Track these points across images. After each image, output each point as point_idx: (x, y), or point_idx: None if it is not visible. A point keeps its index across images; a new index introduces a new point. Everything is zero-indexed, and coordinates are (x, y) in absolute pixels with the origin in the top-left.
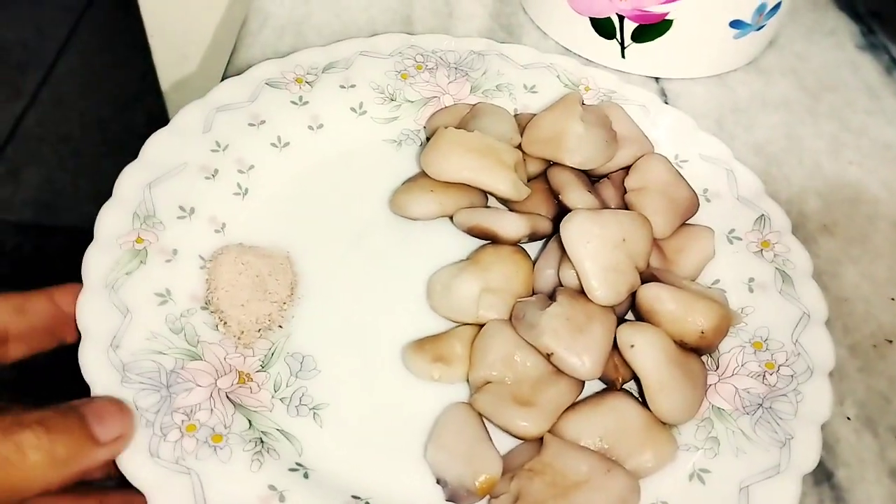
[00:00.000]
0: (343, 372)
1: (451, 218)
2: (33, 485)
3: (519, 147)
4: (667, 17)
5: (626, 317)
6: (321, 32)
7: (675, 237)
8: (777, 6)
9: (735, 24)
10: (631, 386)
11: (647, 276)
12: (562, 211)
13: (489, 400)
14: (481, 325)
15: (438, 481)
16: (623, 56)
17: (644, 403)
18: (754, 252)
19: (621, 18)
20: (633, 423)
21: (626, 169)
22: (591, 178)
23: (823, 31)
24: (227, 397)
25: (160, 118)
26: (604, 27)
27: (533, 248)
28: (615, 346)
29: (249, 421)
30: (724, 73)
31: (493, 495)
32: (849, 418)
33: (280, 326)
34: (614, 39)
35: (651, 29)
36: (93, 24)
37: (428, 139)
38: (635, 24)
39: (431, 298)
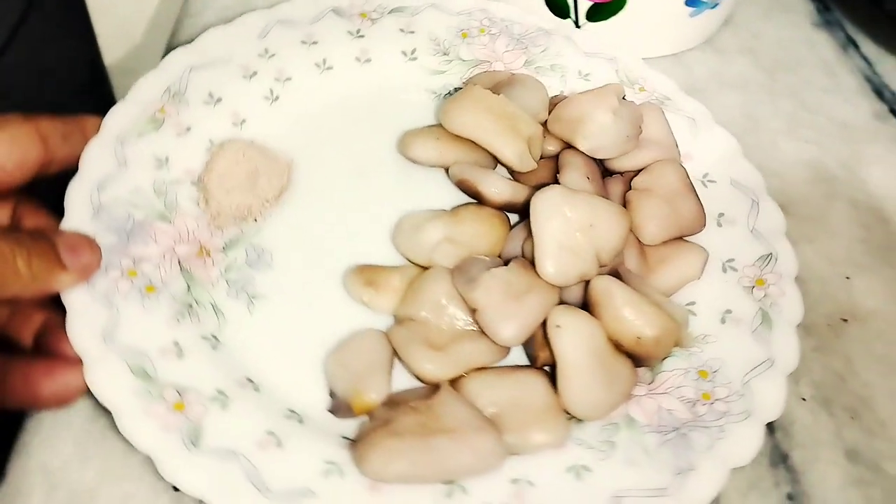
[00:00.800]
0: (291, 275)
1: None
2: (13, 288)
3: (544, 124)
4: None
5: None
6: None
7: (663, 247)
8: None
9: (691, 2)
10: None
11: (611, 272)
12: None
13: (404, 335)
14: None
15: (331, 392)
16: None
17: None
18: (745, 287)
19: None
20: (532, 402)
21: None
22: (607, 173)
23: (779, 9)
24: (179, 262)
25: (110, 103)
26: (558, 6)
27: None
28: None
29: (189, 286)
30: (680, 53)
31: (371, 416)
32: (804, 399)
33: (255, 220)
34: (569, 19)
35: (605, 8)
36: (40, 14)
37: None
38: (590, 3)
39: (396, 235)
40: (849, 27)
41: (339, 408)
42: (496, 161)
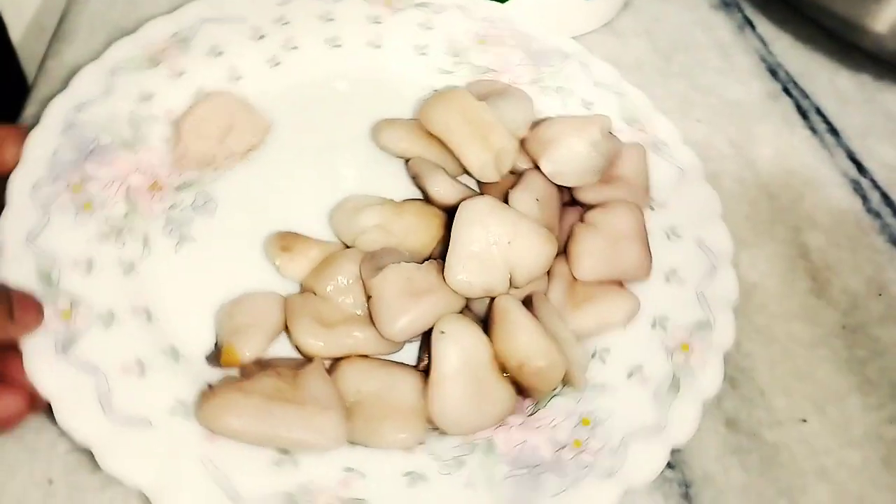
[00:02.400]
0: (227, 227)
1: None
2: None
3: (523, 140)
4: None
5: None
6: None
7: (596, 287)
8: None
9: None
10: None
11: (526, 298)
12: None
13: (299, 305)
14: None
15: (216, 342)
16: None
17: None
18: (667, 347)
19: None
20: (397, 400)
21: None
22: (574, 202)
23: None
24: (127, 190)
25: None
26: None
27: None
28: None
29: (127, 213)
30: (578, 36)
31: (241, 373)
32: None
33: (215, 169)
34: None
35: None
36: None
37: None
38: None
39: (335, 211)
40: (747, 8)
41: (213, 356)
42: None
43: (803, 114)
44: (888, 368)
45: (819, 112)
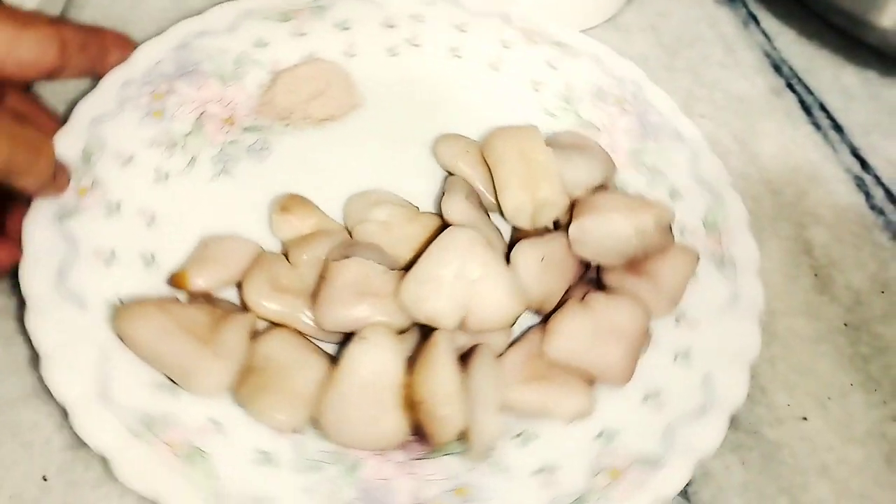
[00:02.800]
0: (263, 178)
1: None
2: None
3: (576, 201)
4: None
5: None
6: None
7: (558, 371)
8: None
9: None
10: None
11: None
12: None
13: (265, 261)
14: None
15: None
16: None
17: None
18: (597, 467)
19: None
20: (297, 380)
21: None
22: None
23: None
24: (201, 115)
25: None
26: None
27: None
28: None
29: (191, 132)
30: (581, 31)
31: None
32: None
33: (286, 125)
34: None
35: None
36: None
37: None
38: None
39: (353, 197)
40: (751, 3)
41: (171, 277)
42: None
43: (807, 109)
44: (891, 366)
45: (823, 108)
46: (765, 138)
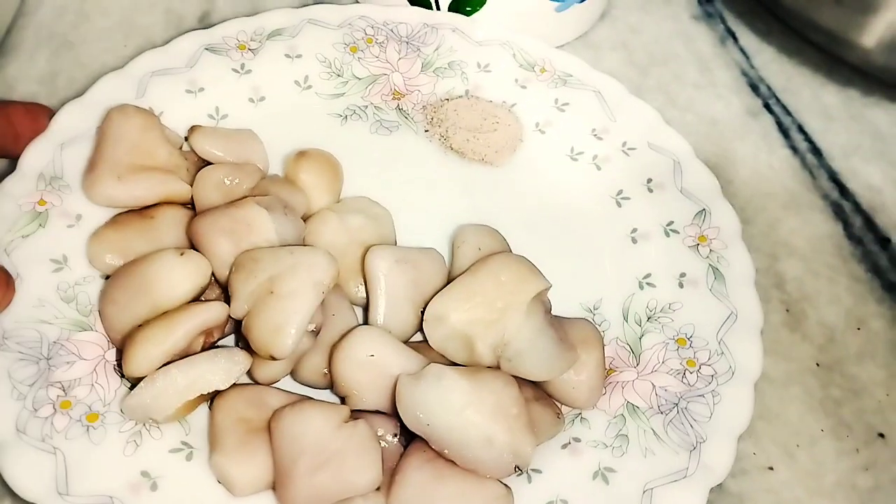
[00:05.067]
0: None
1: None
2: None
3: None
4: None
5: None
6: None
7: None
8: None
9: None
10: None
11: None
12: None
13: (212, 182)
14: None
15: None
16: None
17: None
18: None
19: None
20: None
21: None
22: None
23: (659, 1)
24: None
25: None
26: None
27: None
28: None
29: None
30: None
31: None
32: None
33: None
34: (431, 10)
35: (468, 1)
36: None
37: None
38: None
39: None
40: (729, 19)
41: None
42: None
43: (784, 132)
44: (864, 410)
45: (801, 130)
46: (739, 163)
